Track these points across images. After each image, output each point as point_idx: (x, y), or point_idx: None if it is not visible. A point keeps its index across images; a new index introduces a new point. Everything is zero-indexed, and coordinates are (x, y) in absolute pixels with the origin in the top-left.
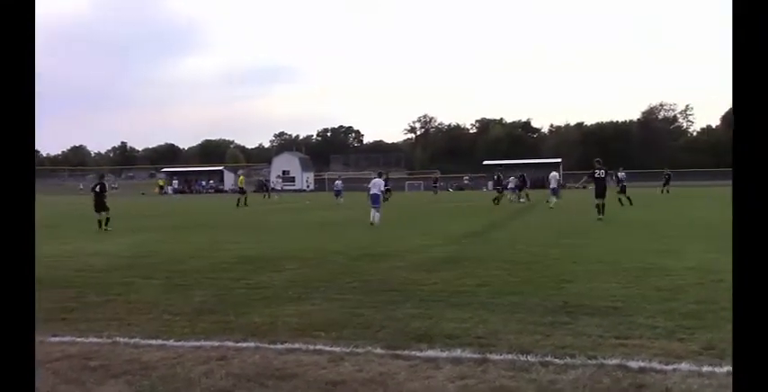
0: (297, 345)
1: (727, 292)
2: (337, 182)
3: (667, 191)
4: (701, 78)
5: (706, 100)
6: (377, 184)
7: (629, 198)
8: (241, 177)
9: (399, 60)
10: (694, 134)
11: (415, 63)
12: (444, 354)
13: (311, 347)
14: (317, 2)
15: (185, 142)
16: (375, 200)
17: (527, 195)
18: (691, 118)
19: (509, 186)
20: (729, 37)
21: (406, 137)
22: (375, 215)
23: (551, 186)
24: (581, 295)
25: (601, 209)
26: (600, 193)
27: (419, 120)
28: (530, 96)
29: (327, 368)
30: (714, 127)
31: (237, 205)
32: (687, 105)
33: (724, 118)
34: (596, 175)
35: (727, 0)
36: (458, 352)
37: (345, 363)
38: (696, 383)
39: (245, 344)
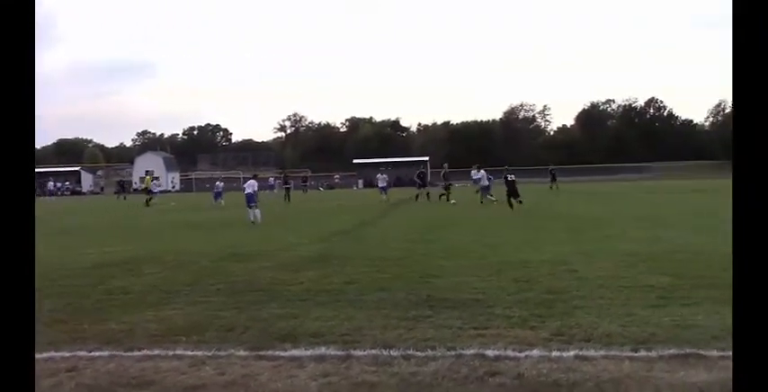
0: (156, 352)
1: (577, 281)
2: (218, 182)
3: (557, 187)
4: (556, 80)
5: (561, 100)
6: (251, 185)
7: (488, 196)
8: (148, 178)
9: (269, 58)
10: (551, 133)
11: (285, 61)
12: (308, 353)
13: (170, 352)
14: None
15: (36, 141)
16: (250, 199)
17: (428, 194)
18: (548, 117)
19: (379, 185)
20: (582, 39)
21: (275, 135)
22: (254, 213)
23: (483, 184)
24: (445, 289)
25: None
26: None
27: (289, 119)
28: (399, 96)
29: (187, 373)
30: (569, 126)
31: (147, 204)
32: (545, 106)
33: (578, 117)
34: (508, 179)
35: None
36: (322, 350)
37: (206, 367)
38: (546, 367)
39: (98, 353)
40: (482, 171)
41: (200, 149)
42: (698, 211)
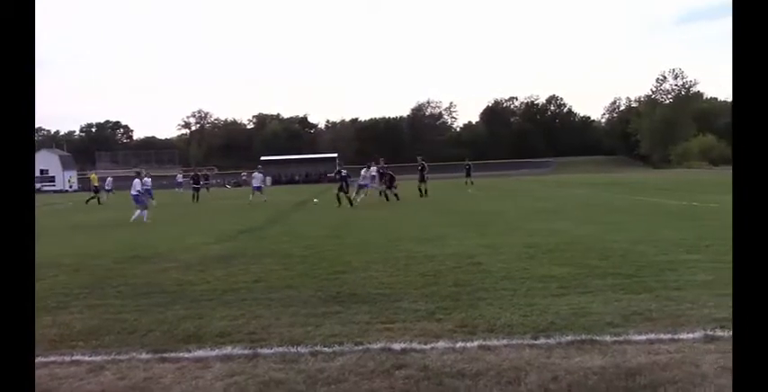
0: (52, 358)
1: (481, 273)
2: (108, 178)
3: (471, 183)
4: (462, 78)
5: (467, 98)
6: (135, 185)
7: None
8: (93, 175)
9: (172, 54)
10: (458, 129)
11: (190, 57)
12: (214, 353)
13: (68, 359)
14: None
15: None
16: (135, 199)
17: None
18: (454, 114)
19: (254, 184)
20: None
21: (180, 132)
22: (140, 213)
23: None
24: (354, 284)
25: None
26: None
27: (194, 116)
28: (306, 92)
29: (85, 379)
30: (474, 122)
31: (87, 202)
32: (451, 102)
33: (482, 114)
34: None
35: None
36: (228, 350)
37: (106, 372)
38: (451, 358)
39: None
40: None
41: (99, 147)
42: (594, 204)
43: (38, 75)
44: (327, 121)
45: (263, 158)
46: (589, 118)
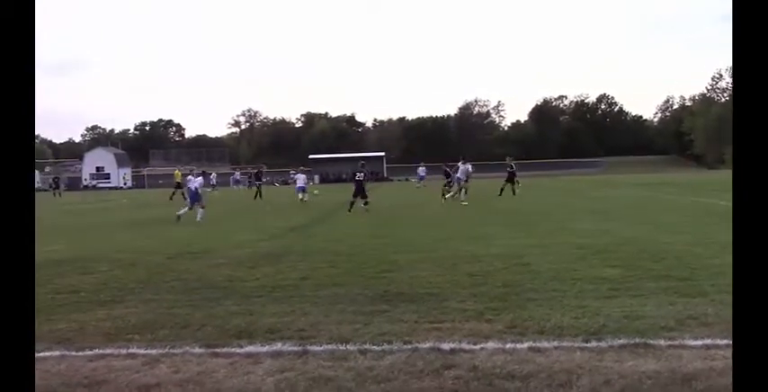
0: (108, 351)
1: (530, 274)
2: (213, 174)
3: (518, 182)
4: (510, 76)
5: (515, 96)
6: (196, 182)
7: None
8: (177, 171)
9: (222, 53)
10: (506, 128)
11: (239, 56)
12: (265, 349)
13: (123, 351)
14: None
15: None
16: (193, 197)
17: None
18: (502, 113)
19: (297, 184)
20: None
21: (230, 131)
22: (199, 212)
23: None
24: (401, 283)
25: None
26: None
27: (243, 114)
28: (354, 91)
29: (141, 371)
30: (522, 121)
31: (171, 198)
32: (499, 101)
33: (531, 113)
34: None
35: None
36: (278, 346)
37: (161, 365)
38: (500, 359)
39: (47, 353)
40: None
41: (152, 145)
42: (645, 205)
43: (90, 75)
44: (375, 120)
45: (311, 157)
46: (641, 117)
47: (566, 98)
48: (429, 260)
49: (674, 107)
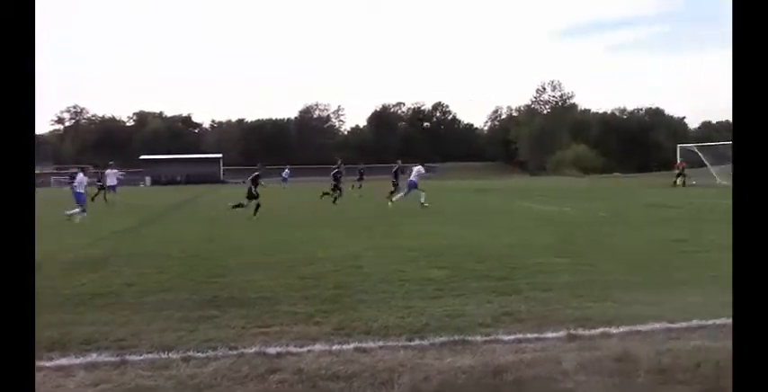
0: None
1: (362, 276)
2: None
3: (359, 187)
4: (350, 82)
5: (355, 102)
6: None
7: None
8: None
9: (48, 47)
10: (345, 133)
11: (66, 51)
12: (78, 361)
13: None
14: None
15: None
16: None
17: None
18: (342, 118)
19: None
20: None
21: (52, 128)
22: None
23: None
24: (232, 288)
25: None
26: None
27: (68, 111)
28: (190, 92)
29: None
30: (362, 127)
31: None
32: (339, 106)
33: (370, 119)
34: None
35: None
36: (93, 357)
37: None
38: (326, 361)
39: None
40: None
41: None
42: (475, 209)
43: None
44: (213, 121)
45: (142, 157)
46: (472, 125)
47: (403, 105)
48: (263, 264)
49: (503, 117)
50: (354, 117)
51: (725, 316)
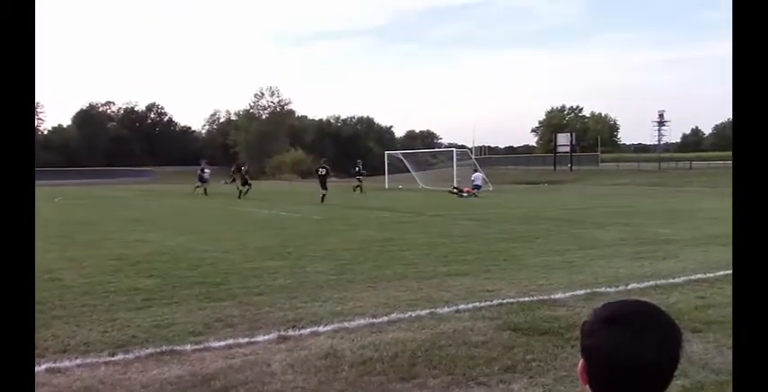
0: None
1: (61, 290)
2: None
3: None
4: (54, 76)
5: (59, 98)
6: None
7: None
8: None
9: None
10: (45, 132)
11: None
12: None
13: None
14: None
15: None
16: None
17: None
18: (41, 116)
19: None
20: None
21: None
22: None
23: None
24: None
25: None
26: None
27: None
28: None
29: None
30: (66, 126)
31: None
32: (38, 103)
33: (75, 118)
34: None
35: None
36: None
37: None
38: None
39: None
40: None
41: None
42: (191, 214)
43: None
44: None
45: None
46: (190, 128)
47: (114, 104)
48: None
49: (221, 120)
50: (57, 116)
51: (420, 308)
